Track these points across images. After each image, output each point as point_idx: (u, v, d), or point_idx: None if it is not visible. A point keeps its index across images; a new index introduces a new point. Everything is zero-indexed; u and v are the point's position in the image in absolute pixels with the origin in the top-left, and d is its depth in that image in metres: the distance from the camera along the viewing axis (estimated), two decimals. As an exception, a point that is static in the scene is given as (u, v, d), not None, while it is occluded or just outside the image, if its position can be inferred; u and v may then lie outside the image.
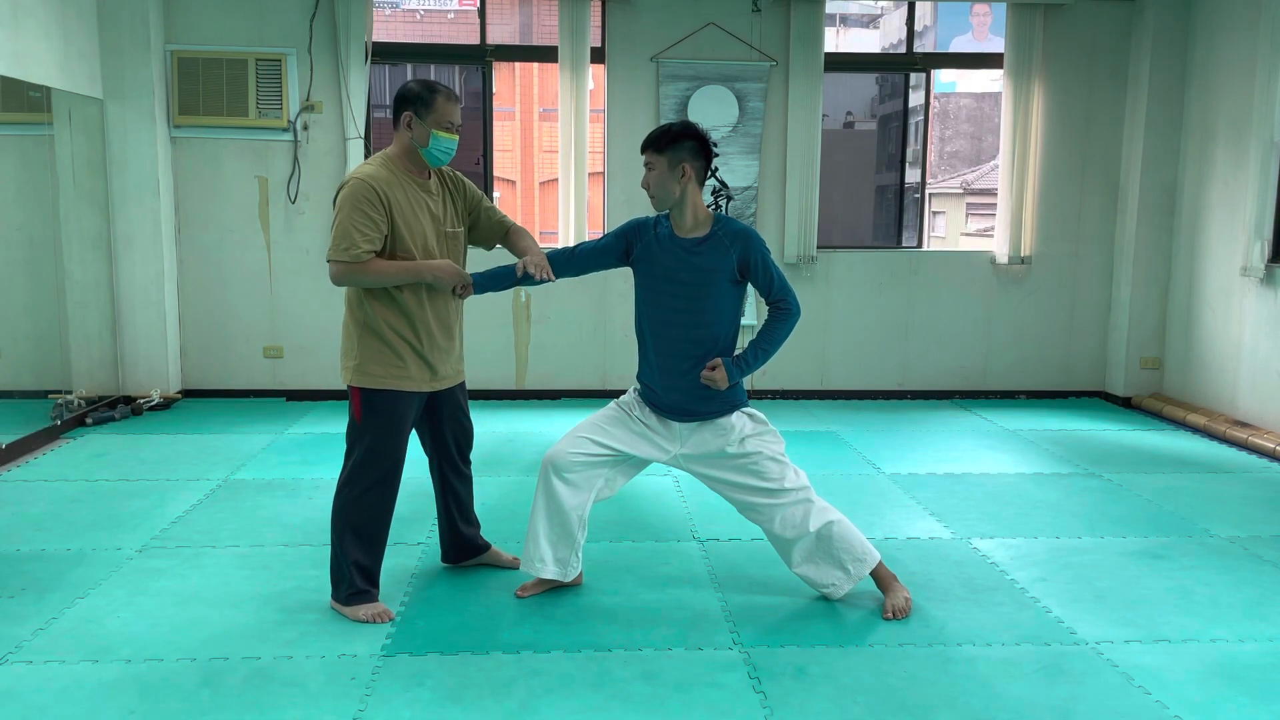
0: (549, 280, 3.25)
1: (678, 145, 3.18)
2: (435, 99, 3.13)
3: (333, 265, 3.07)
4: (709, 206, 3.33)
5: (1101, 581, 3.66)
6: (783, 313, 3.25)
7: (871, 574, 3.40)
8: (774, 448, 3.33)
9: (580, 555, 3.43)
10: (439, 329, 3.27)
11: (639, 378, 3.44)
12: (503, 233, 3.48)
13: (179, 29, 6.33)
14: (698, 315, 3.24)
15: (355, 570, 3.25)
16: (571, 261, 3.41)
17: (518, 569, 3.64)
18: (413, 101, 3.15)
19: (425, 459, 3.59)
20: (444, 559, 3.71)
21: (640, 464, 3.44)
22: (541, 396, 6.85)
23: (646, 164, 3.23)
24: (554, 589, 3.48)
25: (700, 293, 3.23)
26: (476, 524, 3.70)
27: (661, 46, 6.55)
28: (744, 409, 3.33)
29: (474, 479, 3.68)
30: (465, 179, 3.45)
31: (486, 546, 3.70)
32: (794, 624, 3.26)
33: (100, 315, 6.27)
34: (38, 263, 5.95)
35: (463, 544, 3.65)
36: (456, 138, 3.20)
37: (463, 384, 3.50)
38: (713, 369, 3.22)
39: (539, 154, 19.99)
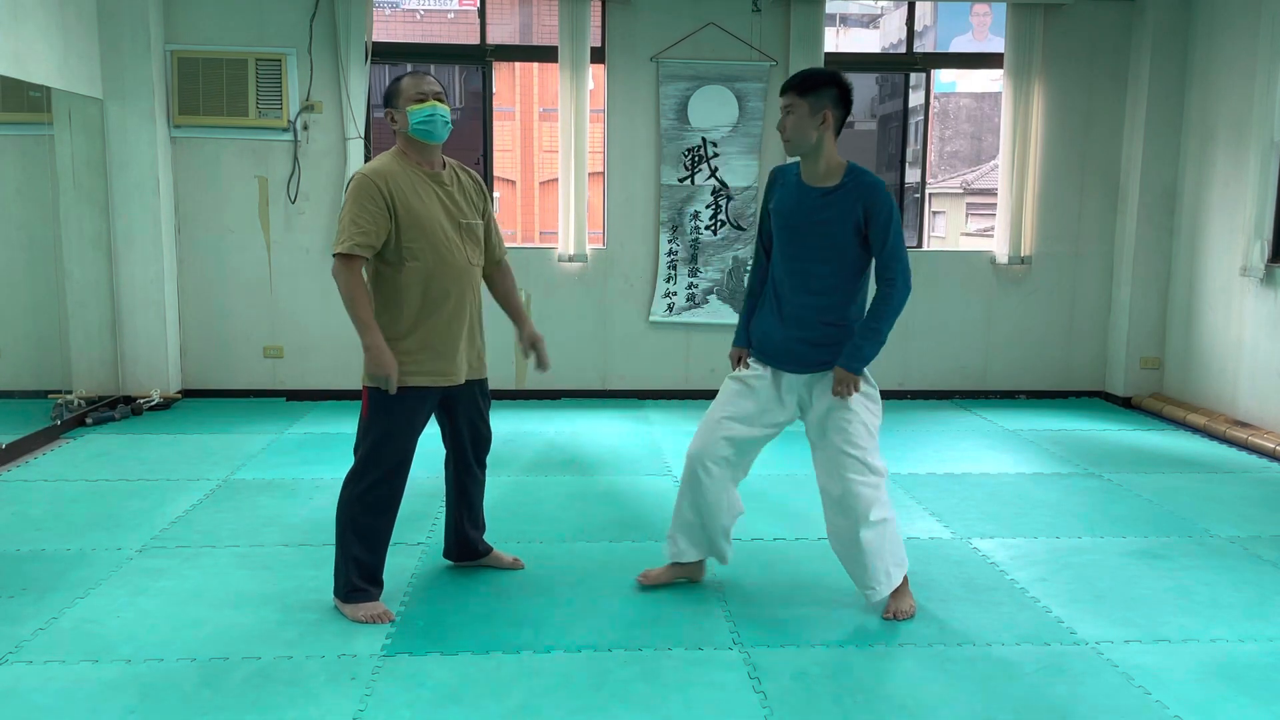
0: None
1: (821, 91, 3.09)
2: (399, 84, 3.23)
3: (334, 259, 3.14)
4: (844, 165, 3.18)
5: (1101, 581, 3.66)
6: (889, 287, 3.09)
7: None
8: (872, 419, 3.25)
9: (730, 541, 3.50)
10: (449, 332, 3.27)
11: (753, 331, 3.36)
12: (495, 262, 3.51)
13: (179, 29, 6.34)
14: (821, 265, 3.15)
15: (355, 567, 3.26)
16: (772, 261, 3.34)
17: (519, 570, 3.66)
18: (387, 100, 3.26)
19: (430, 458, 3.59)
20: (445, 554, 3.71)
21: (774, 430, 3.38)
22: (541, 397, 6.85)
23: (785, 107, 3.11)
24: (679, 579, 3.57)
25: (825, 243, 3.13)
26: (482, 527, 3.69)
27: (661, 46, 6.55)
28: None
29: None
30: (486, 189, 3.47)
31: (488, 551, 3.70)
32: (794, 624, 3.27)
33: (100, 315, 6.27)
34: (38, 263, 5.95)
35: (465, 545, 3.65)
36: (434, 104, 3.17)
37: (484, 382, 3.49)
38: (839, 382, 3.14)
39: (539, 154, 20.00)
